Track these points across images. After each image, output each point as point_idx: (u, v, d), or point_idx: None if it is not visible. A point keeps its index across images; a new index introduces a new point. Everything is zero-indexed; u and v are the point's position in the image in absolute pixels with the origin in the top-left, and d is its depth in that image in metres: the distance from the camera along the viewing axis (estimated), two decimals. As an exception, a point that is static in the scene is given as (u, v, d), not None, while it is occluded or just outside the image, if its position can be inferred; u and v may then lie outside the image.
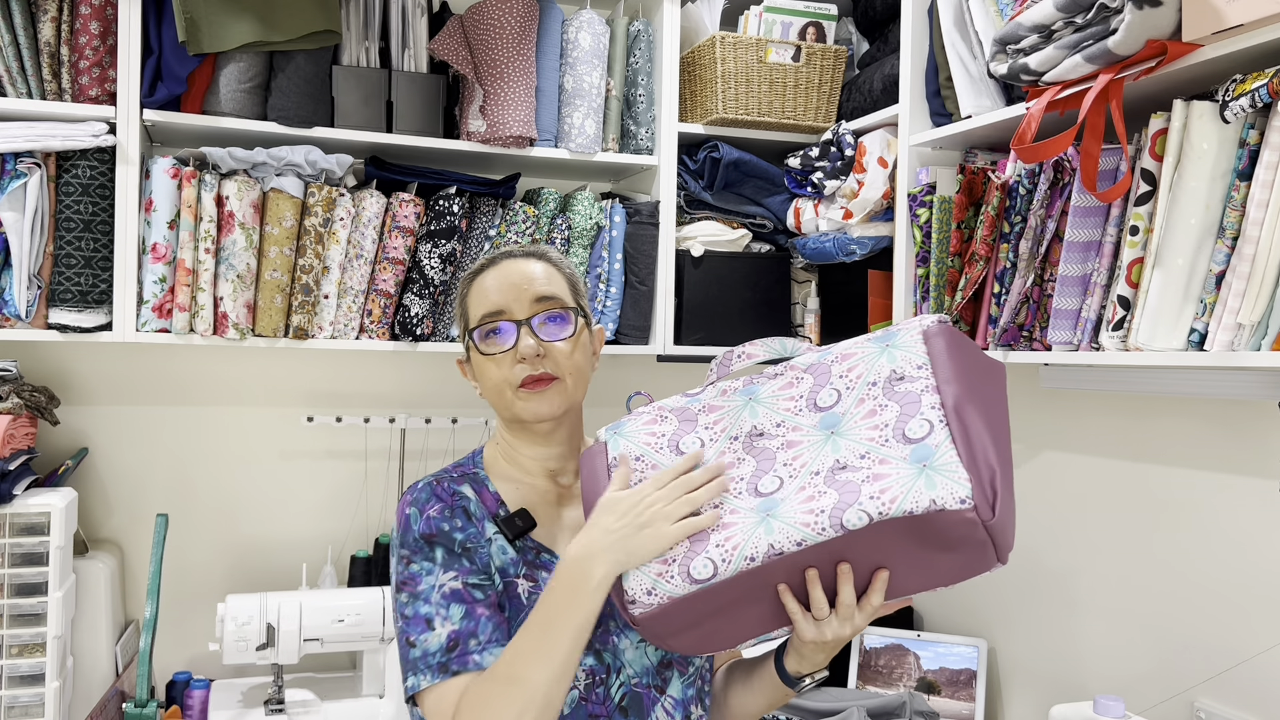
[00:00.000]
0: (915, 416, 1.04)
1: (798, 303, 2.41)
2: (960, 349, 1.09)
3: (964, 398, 1.03)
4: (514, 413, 1.26)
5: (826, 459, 1.06)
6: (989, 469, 0.99)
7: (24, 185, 1.80)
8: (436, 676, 1.12)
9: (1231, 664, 1.62)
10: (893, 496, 0.98)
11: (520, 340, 1.24)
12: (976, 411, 1.03)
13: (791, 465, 1.08)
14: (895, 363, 1.09)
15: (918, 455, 1.01)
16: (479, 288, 1.29)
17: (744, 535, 1.04)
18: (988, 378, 1.11)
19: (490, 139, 2.10)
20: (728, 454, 1.13)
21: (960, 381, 1.05)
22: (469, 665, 1.12)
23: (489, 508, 1.26)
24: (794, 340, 1.20)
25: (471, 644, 1.13)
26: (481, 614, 1.16)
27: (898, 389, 1.07)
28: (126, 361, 2.20)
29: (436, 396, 2.41)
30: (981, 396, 1.06)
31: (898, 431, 1.04)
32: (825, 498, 1.02)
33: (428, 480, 1.27)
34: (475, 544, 1.21)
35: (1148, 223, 1.42)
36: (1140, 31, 1.33)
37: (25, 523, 1.79)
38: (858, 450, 1.05)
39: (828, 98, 2.29)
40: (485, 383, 1.28)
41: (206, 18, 1.86)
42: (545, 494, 1.30)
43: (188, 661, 2.22)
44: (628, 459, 1.16)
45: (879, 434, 1.05)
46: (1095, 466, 1.89)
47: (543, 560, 1.24)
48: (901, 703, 1.95)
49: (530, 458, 1.31)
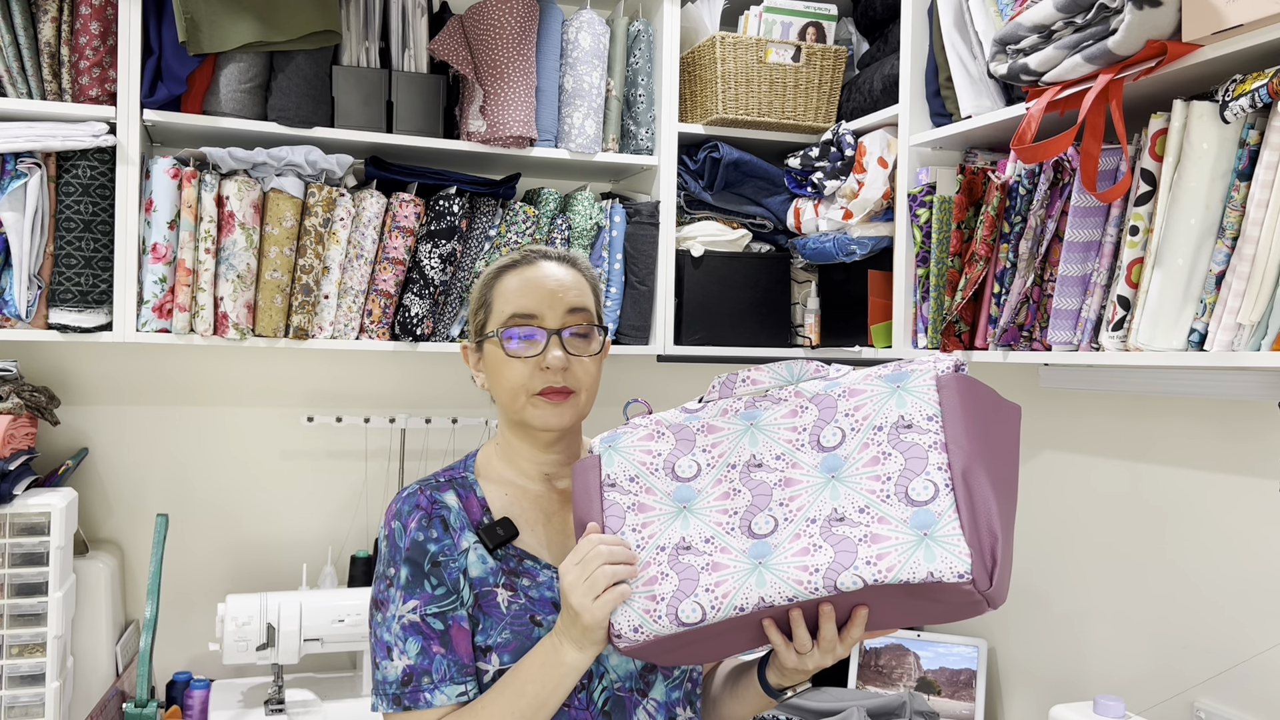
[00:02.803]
0: (920, 475, 1.00)
1: (798, 303, 2.41)
2: (974, 401, 1.05)
3: (973, 461, 1.00)
4: (523, 418, 1.25)
5: (824, 506, 1.03)
6: (990, 536, 0.97)
7: (24, 185, 1.80)
8: (392, 707, 1.18)
9: (1231, 664, 1.62)
10: (890, 565, 0.97)
11: (549, 350, 1.23)
12: (984, 473, 0.99)
13: (788, 507, 1.06)
14: (905, 408, 1.05)
15: (919, 521, 0.98)
16: (510, 284, 1.27)
17: (735, 583, 1.02)
18: (1000, 426, 1.07)
19: (490, 139, 2.10)
20: (724, 482, 1.10)
21: (971, 441, 1.01)
22: (419, 703, 1.17)
23: (473, 515, 1.25)
24: (801, 363, 1.15)
25: (424, 681, 1.17)
26: (436, 652, 1.18)
27: (904, 438, 1.03)
28: (126, 361, 2.20)
29: (436, 396, 2.41)
30: (992, 451, 1.02)
31: (900, 488, 1.01)
32: (820, 554, 1.00)
33: (413, 487, 1.26)
34: (448, 557, 1.21)
35: (1148, 223, 1.42)
36: (1140, 32, 1.33)
37: (25, 523, 1.79)
38: (857, 502, 1.02)
39: (828, 98, 2.29)
40: (499, 381, 1.26)
41: (206, 18, 1.86)
42: (539, 499, 1.29)
43: (188, 661, 2.22)
44: (604, 485, 1.14)
45: (880, 487, 1.02)
46: (1095, 466, 1.89)
47: (525, 568, 1.24)
48: (901, 703, 1.95)
49: (528, 460, 1.30)
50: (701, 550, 1.07)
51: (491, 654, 1.19)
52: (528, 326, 1.24)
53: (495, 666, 1.19)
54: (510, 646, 1.19)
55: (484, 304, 1.30)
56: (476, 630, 1.20)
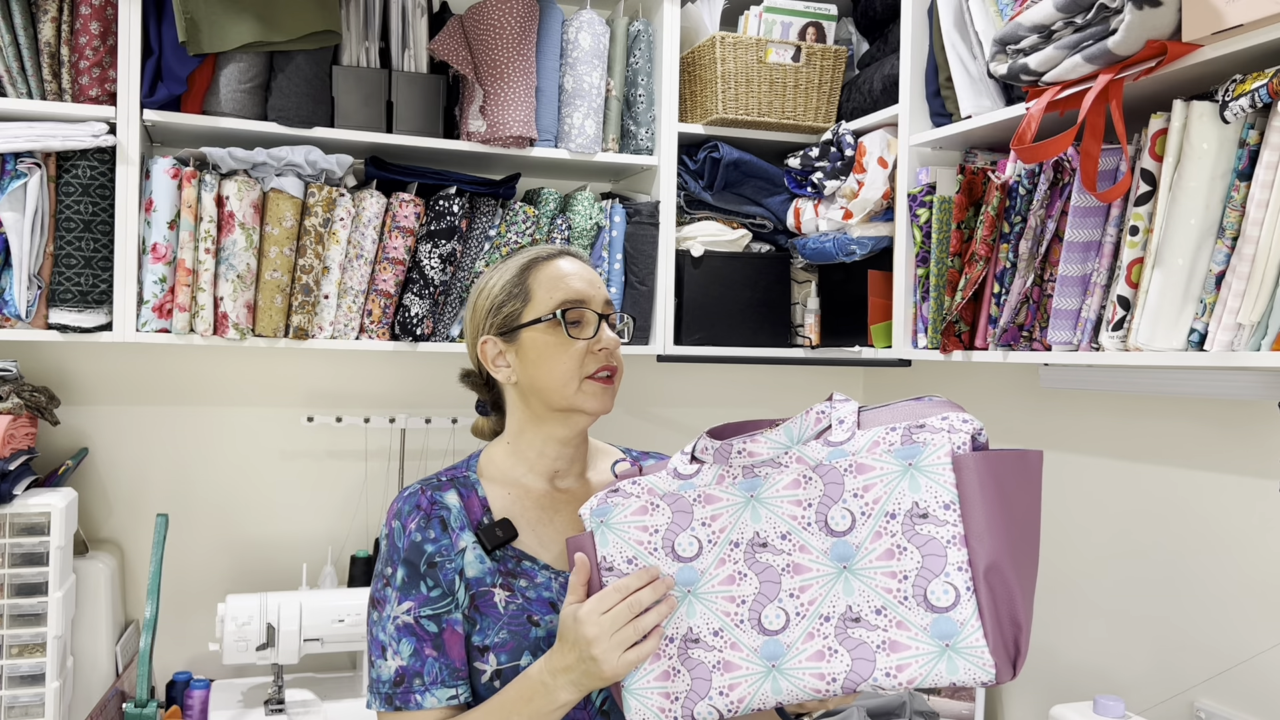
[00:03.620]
0: (939, 576, 0.95)
1: (798, 303, 2.41)
2: (996, 481, 0.97)
3: (998, 555, 0.94)
4: (572, 403, 1.26)
5: (838, 602, 0.99)
6: (1014, 628, 0.94)
7: (24, 185, 1.80)
8: (384, 706, 1.20)
9: (1231, 664, 1.62)
10: (910, 677, 0.95)
11: (603, 331, 1.27)
12: (1009, 564, 0.94)
13: (799, 599, 1.02)
14: (919, 493, 0.98)
15: (940, 630, 0.95)
16: (552, 274, 1.29)
17: (750, 688, 1.02)
18: (1023, 493, 0.99)
19: (490, 139, 2.10)
20: (728, 563, 1.05)
21: (994, 533, 0.94)
22: (410, 704, 1.19)
23: (473, 515, 1.26)
24: (800, 420, 1.06)
25: (416, 683, 1.19)
26: (429, 655, 1.19)
27: (920, 530, 0.97)
28: (126, 361, 2.20)
29: (436, 396, 2.41)
30: (1016, 532, 0.97)
31: (918, 590, 0.96)
32: (837, 660, 0.98)
33: (414, 487, 1.28)
34: (445, 557, 1.22)
35: (1147, 223, 1.42)
36: (1140, 32, 1.33)
37: (25, 523, 1.79)
38: (874, 601, 0.98)
39: (828, 98, 2.29)
40: (549, 367, 1.26)
41: (206, 18, 1.86)
42: (541, 498, 1.30)
43: (188, 661, 2.22)
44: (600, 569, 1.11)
45: (898, 586, 0.97)
46: (1095, 466, 1.89)
47: (523, 568, 1.24)
48: (901, 703, 1.95)
49: (541, 454, 1.30)
50: (711, 645, 1.04)
51: (489, 654, 1.20)
52: (583, 309, 1.27)
53: (493, 666, 1.20)
54: (507, 646, 1.20)
55: (517, 294, 1.29)
56: (474, 630, 1.21)
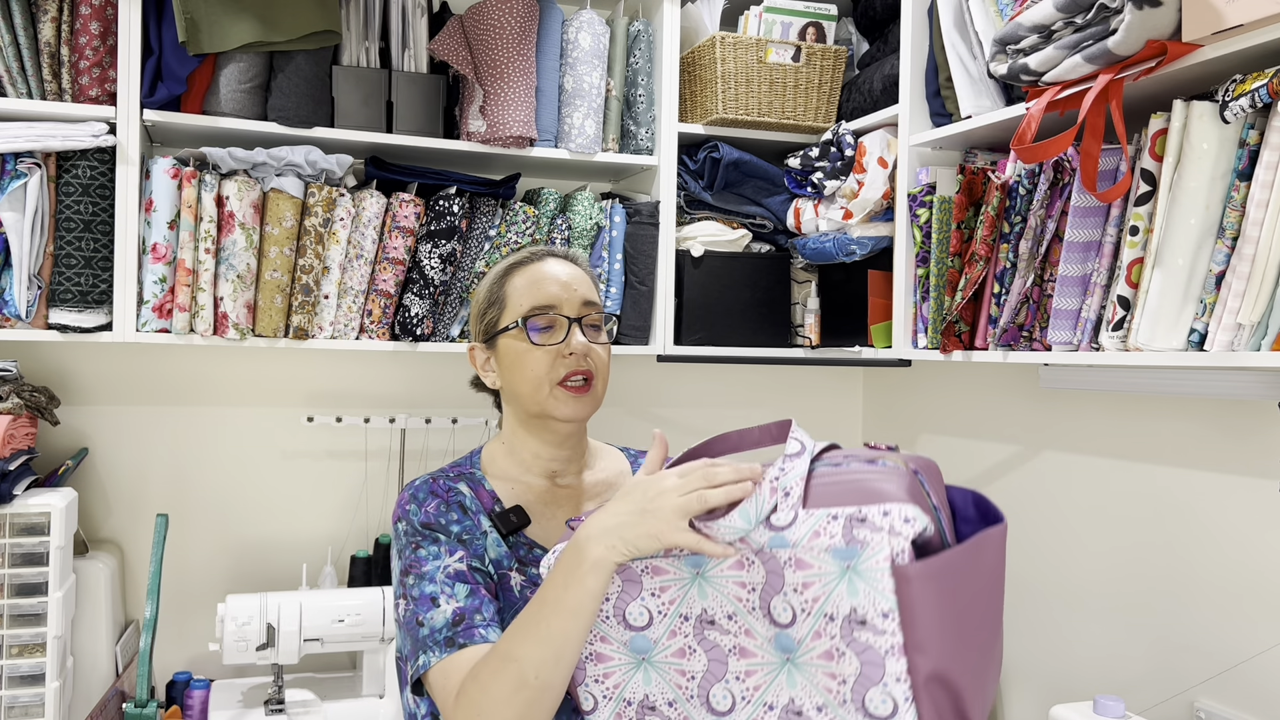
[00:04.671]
0: (877, 685, 0.91)
1: (798, 303, 2.41)
2: (937, 586, 0.90)
3: (943, 662, 0.89)
4: (545, 410, 1.27)
5: (781, 693, 1.00)
6: None
7: (24, 185, 1.80)
8: (444, 651, 1.12)
9: (1231, 664, 1.62)
10: None
11: (572, 336, 1.27)
12: (955, 668, 0.90)
13: (745, 683, 1.02)
14: (857, 598, 0.92)
15: None
16: (526, 279, 1.31)
17: None
18: (975, 580, 0.93)
19: (490, 139, 2.10)
20: (679, 635, 1.06)
21: (939, 642, 0.89)
22: (475, 638, 1.13)
23: (485, 504, 1.28)
24: (755, 503, 0.99)
25: (477, 619, 1.15)
26: (485, 595, 1.18)
27: (858, 637, 0.92)
28: (126, 361, 2.20)
29: (436, 396, 2.41)
30: (967, 631, 0.92)
31: (857, 696, 0.93)
32: None
33: (425, 478, 1.29)
34: (471, 535, 1.24)
35: (1147, 223, 1.42)
36: (1140, 32, 1.33)
37: (25, 523, 1.79)
38: (815, 698, 0.97)
39: (828, 98, 2.29)
40: (520, 374, 1.28)
41: (206, 18, 1.86)
42: (542, 494, 1.32)
43: (188, 661, 2.22)
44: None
45: (837, 688, 0.94)
46: (1095, 466, 1.89)
47: (535, 556, 1.27)
48: None
49: (535, 455, 1.32)
50: (666, 715, 1.07)
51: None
52: (549, 315, 1.28)
53: None
54: None
55: (495, 301, 1.33)
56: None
